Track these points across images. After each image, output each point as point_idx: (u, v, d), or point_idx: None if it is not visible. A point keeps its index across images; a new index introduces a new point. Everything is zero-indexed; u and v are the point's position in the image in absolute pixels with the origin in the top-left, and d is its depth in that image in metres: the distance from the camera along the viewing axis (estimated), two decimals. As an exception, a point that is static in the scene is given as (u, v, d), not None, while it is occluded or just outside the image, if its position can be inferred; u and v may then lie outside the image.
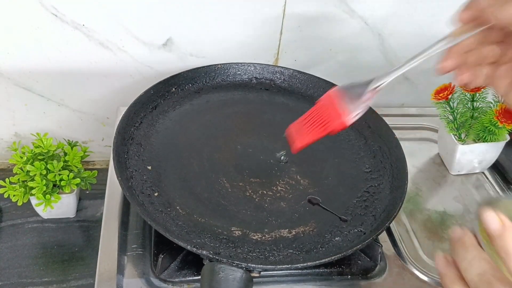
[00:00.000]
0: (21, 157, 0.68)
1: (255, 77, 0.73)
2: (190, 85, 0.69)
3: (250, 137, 0.63)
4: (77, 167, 0.71)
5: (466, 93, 0.66)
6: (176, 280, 0.51)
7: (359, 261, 0.56)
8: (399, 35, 0.79)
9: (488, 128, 0.65)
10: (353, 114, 0.46)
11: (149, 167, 0.56)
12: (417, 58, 0.42)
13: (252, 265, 0.45)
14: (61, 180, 0.68)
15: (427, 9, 0.76)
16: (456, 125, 0.67)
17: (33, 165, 0.66)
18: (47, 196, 0.67)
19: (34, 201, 0.69)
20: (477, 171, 0.73)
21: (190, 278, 0.51)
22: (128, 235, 0.56)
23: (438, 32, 0.85)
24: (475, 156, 0.70)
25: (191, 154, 0.59)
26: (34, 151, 0.69)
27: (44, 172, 0.67)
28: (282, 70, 0.73)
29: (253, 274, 0.45)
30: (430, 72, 0.90)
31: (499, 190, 0.71)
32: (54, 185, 0.69)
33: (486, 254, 0.32)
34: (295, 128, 0.51)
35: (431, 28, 0.79)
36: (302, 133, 0.50)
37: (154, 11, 0.68)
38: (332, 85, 0.70)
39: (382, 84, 0.45)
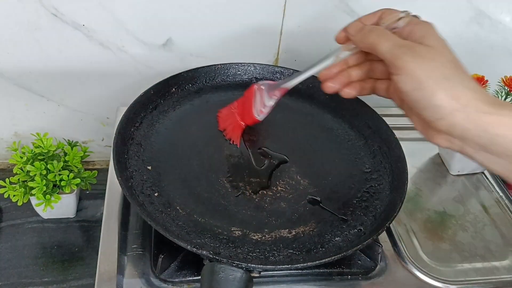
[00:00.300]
0: (21, 157, 0.68)
1: (255, 77, 0.73)
2: (190, 85, 0.69)
3: (250, 137, 0.63)
4: (77, 167, 0.71)
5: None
6: (176, 280, 0.51)
7: (359, 261, 0.56)
8: (399, 35, 0.79)
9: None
10: (262, 110, 0.58)
11: (149, 167, 0.56)
12: (316, 67, 0.48)
13: (252, 265, 0.45)
14: (61, 180, 0.68)
15: (427, 9, 0.76)
16: (456, 125, 0.67)
17: (33, 165, 0.66)
18: (47, 196, 0.67)
19: (34, 201, 0.69)
20: (477, 171, 0.73)
21: (190, 278, 0.51)
22: (128, 235, 0.56)
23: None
24: (475, 156, 0.70)
25: (191, 154, 0.59)
26: (34, 151, 0.69)
27: (44, 172, 0.67)
28: (282, 70, 0.73)
29: (253, 274, 0.45)
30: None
31: (499, 190, 0.71)
32: (54, 185, 0.69)
33: None
34: (224, 114, 0.63)
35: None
36: (227, 119, 0.62)
37: (154, 11, 0.68)
38: (332, 85, 0.70)
39: (288, 85, 0.55)
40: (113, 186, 0.61)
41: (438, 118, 0.36)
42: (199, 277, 0.46)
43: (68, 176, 0.68)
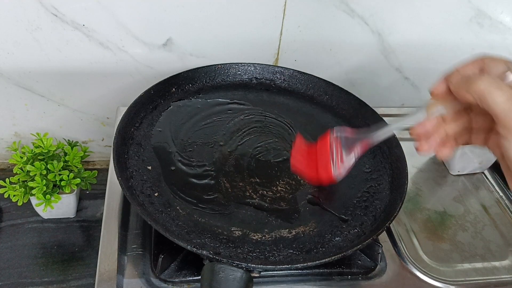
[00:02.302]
0: (21, 157, 0.68)
1: (255, 77, 0.73)
2: (190, 85, 0.69)
3: (250, 137, 0.63)
4: (77, 167, 0.71)
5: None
6: (176, 280, 0.51)
7: (359, 261, 0.56)
8: (399, 35, 0.79)
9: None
10: (342, 169, 0.49)
11: (149, 167, 0.56)
12: (406, 119, 0.42)
13: (252, 265, 0.45)
14: (61, 180, 0.68)
15: (427, 9, 0.76)
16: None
17: (33, 165, 0.66)
18: (47, 196, 0.67)
19: (34, 201, 0.69)
20: (477, 171, 0.73)
21: (190, 278, 0.51)
22: (128, 235, 0.56)
23: (437, 32, 0.85)
24: (475, 156, 0.70)
25: (191, 154, 0.59)
26: (34, 151, 0.69)
27: (44, 172, 0.67)
28: (282, 70, 0.73)
29: (253, 274, 0.45)
30: (430, 72, 0.90)
31: (499, 190, 0.71)
32: (54, 185, 0.69)
33: None
34: (300, 155, 0.54)
35: (430, 28, 0.79)
36: (303, 164, 0.53)
37: (154, 11, 0.68)
38: (332, 85, 0.70)
39: (373, 139, 0.47)
40: (113, 186, 0.61)
41: None
42: (199, 277, 0.46)
43: (68, 176, 0.68)
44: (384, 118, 0.64)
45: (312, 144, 0.54)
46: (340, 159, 0.49)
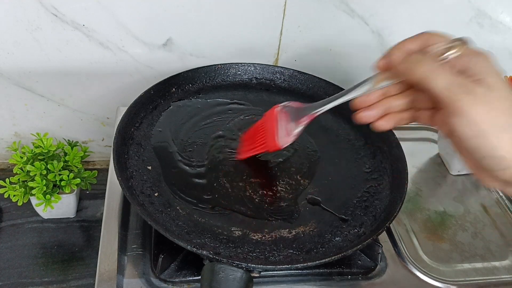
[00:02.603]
0: (21, 157, 0.68)
1: (255, 77, 0.73)
2: (190, 85, 0.69)
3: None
4: (77, 167, 0.71)
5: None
6: (176, 280, 0.51)
7: (359, 261, 0.56)
8: (399, 35, 0.79)
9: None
10: (287, 138, 0.51)
11: (149, 167, 0.56)
12: (351, 93, 0.43)
13: (252, 265, 0.45)
14: (61, 180, 0.68)
15: (427, 9, 0.76)
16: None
17: (33, 165, 0.66)
18: (47, 196, 0.67)
19: (34, 201, 0.69)
20: (477, 171, 0.73)
21: (190, 278, 0.51)
22: (128, 235, 0.56)
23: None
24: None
25: (191, 154, 0.59)
26: (34, 151, 0.69)
27: (44, 172, 0.67)
28: (282, 70, 0.73)
29: (253, 274, 0.45)
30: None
31: (499, 190, 0.71)
32: (54, 185, 0.69)
33: None
34: (245, 138, 0.59)
35: (430, 28, 0.79)
36: (246, 146, 0.58)
37: (154, 11, 0.68)
38: (332, 85, 0.70)
39: (319, 112, 0.48)
40: (113, 186, 0.61)
41: (500, 169, 0.33)
42: (199, 277, 0.46)
43: (68, 176, 0.68)
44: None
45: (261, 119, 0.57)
46: (286, 129, 0.51)
